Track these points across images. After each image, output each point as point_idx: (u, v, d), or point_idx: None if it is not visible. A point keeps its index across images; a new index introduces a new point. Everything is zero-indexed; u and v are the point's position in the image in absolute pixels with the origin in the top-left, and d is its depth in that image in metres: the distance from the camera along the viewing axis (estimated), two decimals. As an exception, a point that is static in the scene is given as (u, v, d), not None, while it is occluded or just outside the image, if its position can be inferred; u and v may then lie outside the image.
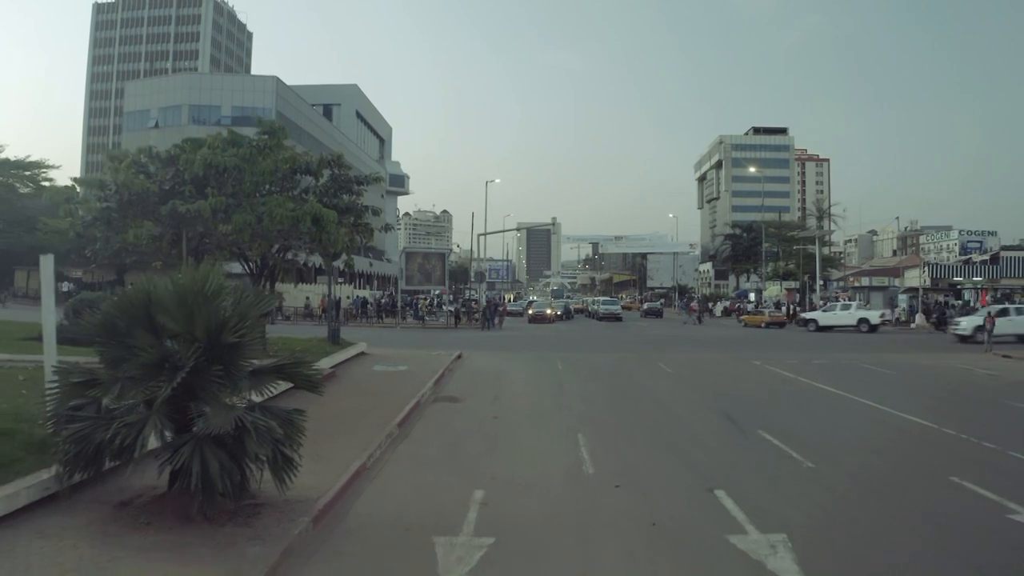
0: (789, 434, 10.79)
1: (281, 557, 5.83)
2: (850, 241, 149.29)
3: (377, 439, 9.96)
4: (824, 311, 43.78)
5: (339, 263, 18.35)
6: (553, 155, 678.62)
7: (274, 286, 19.52)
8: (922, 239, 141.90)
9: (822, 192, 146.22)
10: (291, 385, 7.71)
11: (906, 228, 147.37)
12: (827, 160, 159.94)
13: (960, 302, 50.84)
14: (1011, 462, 9.35)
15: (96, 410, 6.70)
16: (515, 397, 14.78)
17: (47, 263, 8.50)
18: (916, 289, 48.14)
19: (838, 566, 5.82)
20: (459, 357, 21.12)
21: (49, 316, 8.43)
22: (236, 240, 14.22)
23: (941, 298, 50.92)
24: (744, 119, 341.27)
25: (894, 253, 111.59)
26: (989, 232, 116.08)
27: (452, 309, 46.46)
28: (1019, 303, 39.24)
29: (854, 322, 39.95)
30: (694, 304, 57.80)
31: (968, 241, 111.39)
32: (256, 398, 7.37)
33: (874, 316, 40.76)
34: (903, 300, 46.92)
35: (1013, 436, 10.86)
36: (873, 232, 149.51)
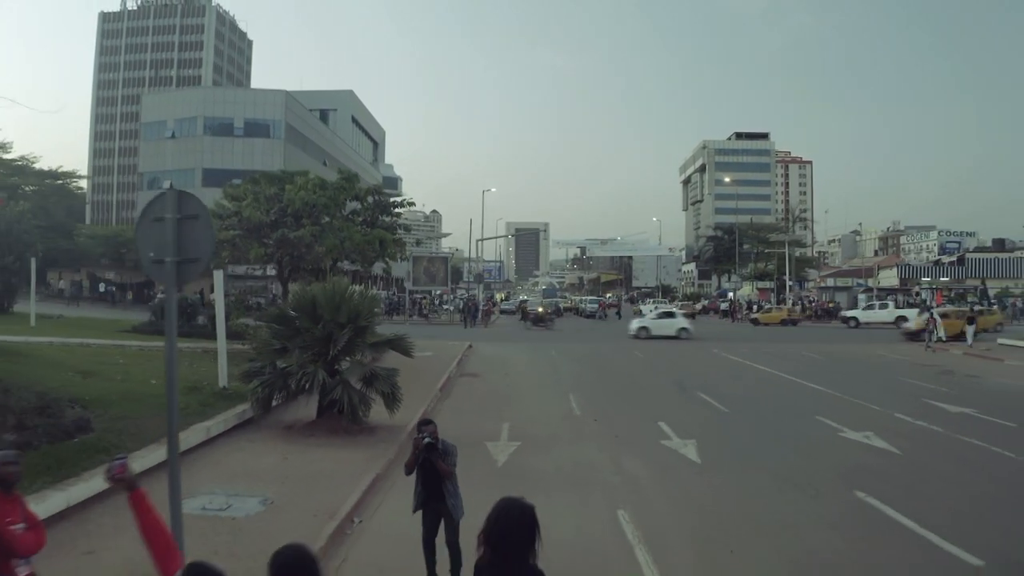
0: (719, 394, 15.17)
1: (398, 450, 10.07)
2: (834, 241, 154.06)
3: (429, 397, 14.22)
4: None
5: (377, 269, 22.63)
6: (541, 155, 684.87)
7: None
8: (903, 239, 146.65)
9: (805, 193, 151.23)
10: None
11: (888, 228, 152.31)
12: (810, 162, 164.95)
13: (920, 299, 55.52)
14: (865, 410, 13.70)
15: (271, 369, 10.93)
16: (521, 374, 19.13)
17: (218, 277, 12.67)
18: (872, 289, 52.78)
19: (720, 453, 10.13)
20: (470, 347, 25.36)
21: (220, 314, 12.60)
22: (326, 258, 18.53)
23: (900, 296, 55.59)
24: (730, 120, 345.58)
25: (876, 253, 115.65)
26: (968, 233, 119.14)
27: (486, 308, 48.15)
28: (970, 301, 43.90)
29: None
30: (604, 302, 64.04)
31: (947, 242, 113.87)
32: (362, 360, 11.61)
33: None
34: (863, 300, 51.46)
35: (880, 396, 15.25)
36: (856, 232, 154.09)
